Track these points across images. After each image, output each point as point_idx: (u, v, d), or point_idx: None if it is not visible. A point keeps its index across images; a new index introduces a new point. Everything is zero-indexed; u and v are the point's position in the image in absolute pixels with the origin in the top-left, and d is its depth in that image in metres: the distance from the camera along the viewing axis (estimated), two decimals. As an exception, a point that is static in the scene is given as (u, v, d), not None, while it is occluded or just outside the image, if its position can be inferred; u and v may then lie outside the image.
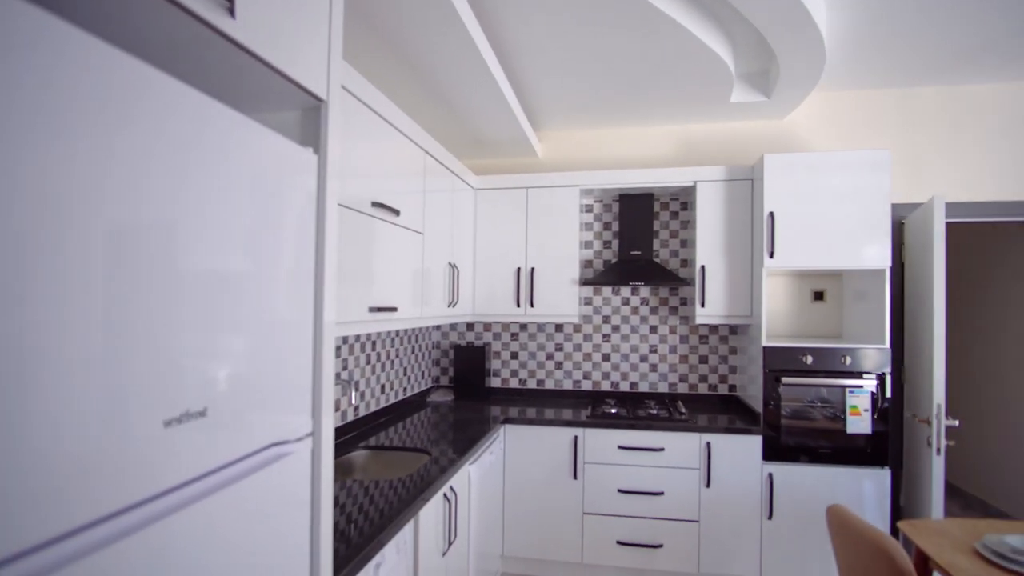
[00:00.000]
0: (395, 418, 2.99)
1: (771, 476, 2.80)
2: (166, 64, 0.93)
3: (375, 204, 2.05)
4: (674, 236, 3.59)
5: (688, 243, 3.53)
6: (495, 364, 3.79)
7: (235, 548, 0.83)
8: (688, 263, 3.53)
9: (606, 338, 3.65)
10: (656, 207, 3.60)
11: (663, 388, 3.58)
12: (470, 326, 3.82)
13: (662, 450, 2.89)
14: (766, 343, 2.87)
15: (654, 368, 3.59)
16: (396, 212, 2.23)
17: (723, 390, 3.50)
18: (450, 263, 2.99)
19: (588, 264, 3.69)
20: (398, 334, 3.22)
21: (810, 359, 2.81)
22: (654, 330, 3.59)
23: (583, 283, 3.37)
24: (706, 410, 3.26)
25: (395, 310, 2.22)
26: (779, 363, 2.84)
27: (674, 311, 3.58)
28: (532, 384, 3.73)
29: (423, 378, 3.65)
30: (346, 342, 2.62)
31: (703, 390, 3.53)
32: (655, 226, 3.60)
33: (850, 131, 3.30)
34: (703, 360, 3.53)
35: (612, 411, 3.12)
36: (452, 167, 2.99)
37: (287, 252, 1.02)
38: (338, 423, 2.53)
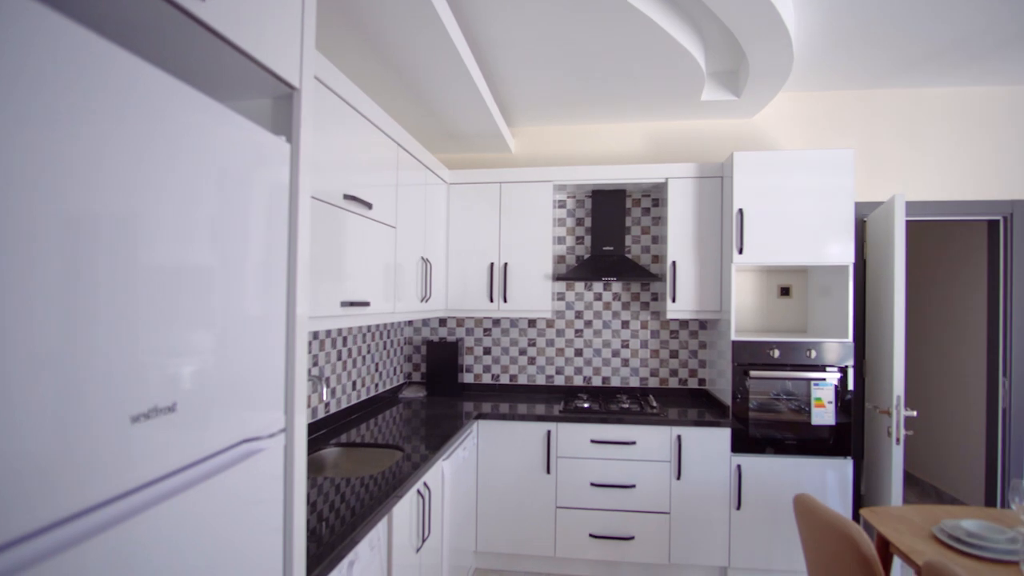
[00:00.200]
0: (367, 415, 2.95)
1: (739, 467, 2.86)
2: (128, 46, 0.89)
3: (347, 197, 2.02)
4: (646, 232, 3.63)
5: (659, 239, 3.58)
6: (468, 360, 3.77)
7: (205, 547, 0.80)
8: (659, 259, 3.57)
9: (579, 333, 3.67)
10: (628, 203, 3.63)
11: (634, 382, 3.62)
12: (442, 321, 3.80)
13: (634, 443, 2.92)
14: (735, 337, 2.93)
15: (626, 363, 3.63)
16: (369, 205, 2.19)
17: (693, 384, 3.56)
18: (423, 258, 2.96)
19: (561, 259, 3.70)
20: (369, 329, 3.17)
21: (777, 353, 2.88)
22: (626, 325, 3.63)
23: (556, 278, 3.37)
24: (676, 404, 3.31)
25: (367, 305, 2.19)
26: (747, 357, 2.90)
27: (645, 306, 3.62)
28: (505, 380, 3.73)
29: (395, 374, 3.61)
30: (316, 337, 2.57)
31: (673, 384, 3.58)
32: (627, 222, 3.63)
33: (816, 131, 3.38)
34: (673, 355, 3.58)
35: (585, 406, 3.14)
36: (425, 161, 2.96)
37: (258, 245, 0.98)
38: (308, 420, 2.48)
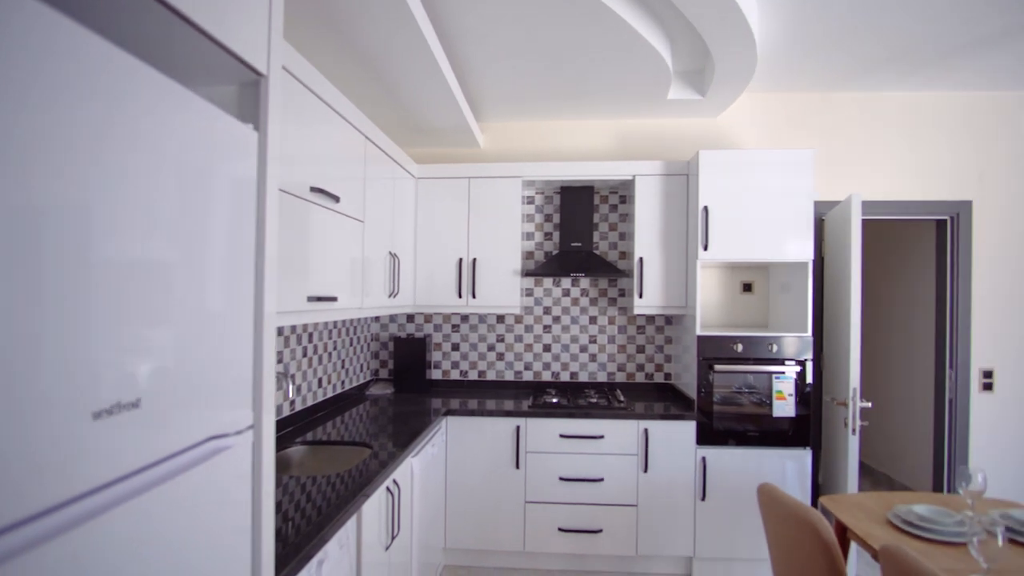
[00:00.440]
0: (333, 412, 2.90)
1: (704, 459, 2.92)
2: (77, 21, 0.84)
3: (314, 189, 1.97)
4: (613, 229, 3.67)
5: (627, 236, 3.62)
6: (436, 356, 3.74)
7: (171, 548, 0.77)
8: (627, 255, 3.62)
9: (547, 329, 3.69)
10: (596, 200, 3.66)
11: (602, 377, 3.66)
12: (410, 318, 3.76)
13: (602, 438, 2.96)
14: (700, 332, 2.99)
15: (593, 358, 3.66)
16: (336, 198, 2.15)
17: (659, 378, 3.62)
18: (391, 252, 2.93)
19: (530, 255, 3.71)
20: (336, 326, 3.12)
21: (740, 347, 2.95)
22: (593, 321, 3.66)
23: (525, 274, 3.38)
24: (643, 398, 3.36)
25: (335, 300, 2.15)
26: (712, 351, 2.96)
27: (613, 302, 3.66)
28: (473, 375, 3.72)
29: (362, 371, 3.56)
30: (281, 333, 2.51)
31: (640, 379, 3.63)
32: (595, 219, 3.67)
33: (778, 131, 3.47)
34: (640, 350, 3.64)
35: (553, 401, 3.16)
36: (393, 154, 2.92)
37: (225, 237, 0.95)
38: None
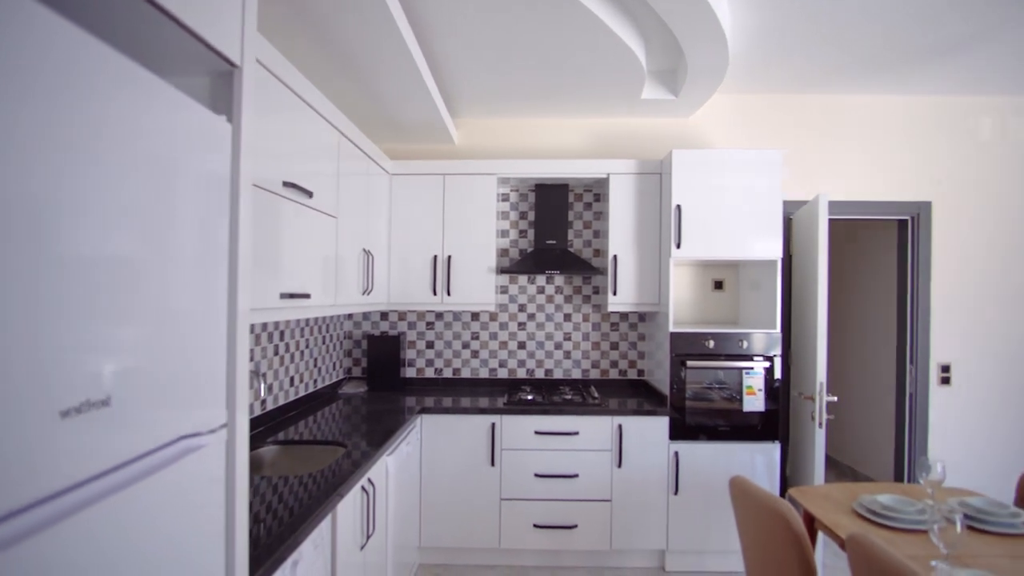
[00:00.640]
0: (306, 411, 2.85)
1: (677, 454, 2.96)
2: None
3: (287, 184, 1.93)
4: (588, 226, 3.69)
5: (601, 233, 3.65)
6: (410, 354, 3.72)
7: (143, 550, 0.75)
8: (601, 253, 3.65)
9: (522, 326, 3.69)
10: (571, 198, 3.68)
11: (576, 374, 3.68)
12: (384, 315, 3.72)
13: (577, 434, 2.98)
14: (673, 329, 3.03)
15: (568, 355, 3.68)
16: (309, 194, 2.11)
17: (632, 375, 3.66)
18: (365, 249, 2.89)
19: (504, 253, 3.71)
20: (308, 323, 3.07)
21: (712, 343, 3.00)
22: (568, 318, 3.68)
23: (500, 272, 3.38)
24: (617, 394, 3.39)
25: (308, 297, 2.11)
26: (684, 347, 3.01)
27: (587, 299, 3.68)
28: (448, 373, 3.71)
29: (334, 369, 3.51)
30: (252, 331, 2.45)
31: (614, 375, 3.67)
32: (570, 216, 3.68)
33: (748, 132, 3.54)
34: (614, 346, 3.67)
35: (528, 398, 3.17)
36: (367, 150, 2.88)
37: (197, 232, 0.92)
38: (243, 418, 2.37)
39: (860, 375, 4.54)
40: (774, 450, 2.97)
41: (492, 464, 2.98)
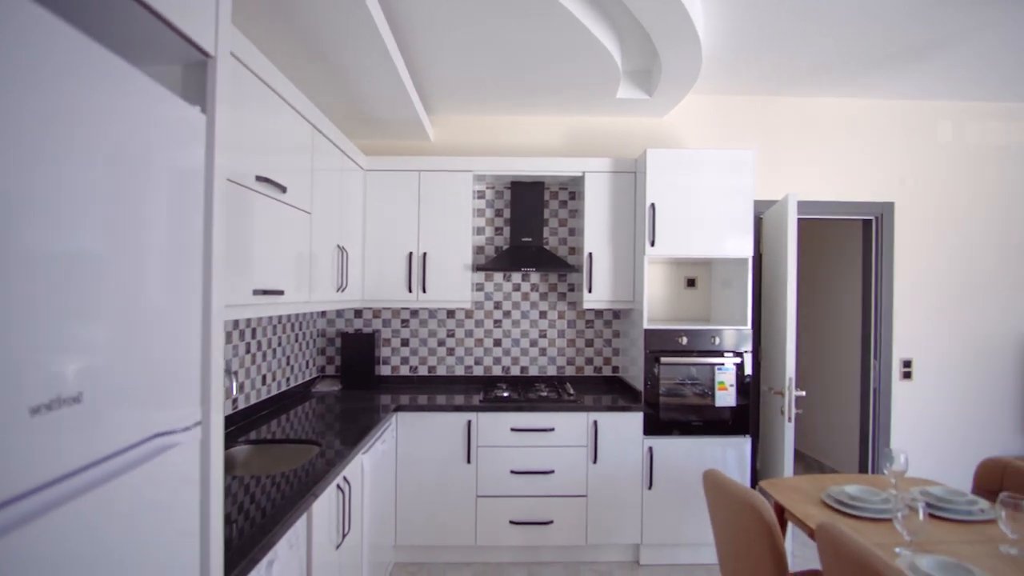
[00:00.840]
0: (278, 410, 2.80)
1: (651, 449, 3.01)
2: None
3: (259, 178, 1.89)
4: (563, 224, 3.71)
5: (576, 231, 3.67)
6: (385, 352, 3.68)
7: (115, 552, 0.72)
8: (576, 250, 3.67)
9: (497, 324, 3.69)
10: (546, 195, 3.70)
11: (552, 371, 3.70)
12: (358, 313, 3.68)
13: (552, 430, 2.99)
14: (647, 326, 3.07)
15: (543, 352, 3.70)
16: (283, 189, 2.07)
17: (607, 371, 3.70)
18: (339, 246, 2.85)
19: (480, 250, 3.70)
20: (280, 321, 3.01)
21: (685, 340, 3.05)
22: (543, 315, 3.70)
23: (476, 269, 3.37)
24: (592, 391, 3.42)
25: (281, 293, 2.08)
26: (658, 344, 3.05)
27: (562, 297, 3.70)
28: (424, 371, 3.69)
29: (307, 367, 3.46)
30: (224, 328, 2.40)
31: (589, 372, 3.70)
32: (545, 214, 3.70)
33: (721, 132, 3.61)
34: (589, 343, 3.70)
35: (504, 395, 3.17)
36: (342, 145, 2.84)
37: (169, 227, 0.90)
38: (214, 418, 2.32)
39: (827, 370, 4.66)
40: (745, 444, 3.04)
41: (468, 461, 2.98)
